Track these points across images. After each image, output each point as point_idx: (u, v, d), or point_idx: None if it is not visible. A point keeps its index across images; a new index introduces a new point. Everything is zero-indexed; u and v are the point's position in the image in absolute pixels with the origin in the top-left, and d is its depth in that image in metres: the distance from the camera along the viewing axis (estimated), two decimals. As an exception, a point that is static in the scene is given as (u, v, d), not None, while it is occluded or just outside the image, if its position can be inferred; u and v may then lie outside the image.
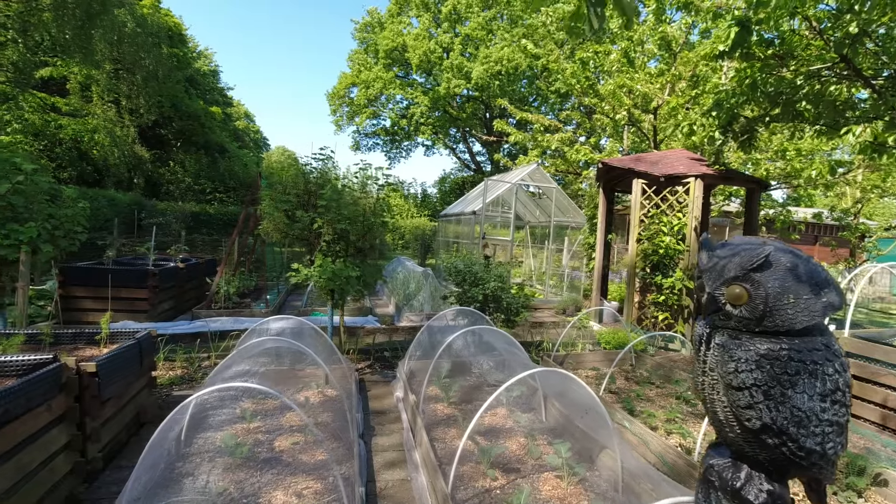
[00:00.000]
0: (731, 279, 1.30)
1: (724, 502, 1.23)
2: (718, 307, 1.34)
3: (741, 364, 1.24)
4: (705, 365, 1.36)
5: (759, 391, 1.21)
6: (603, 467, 3.70)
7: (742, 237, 1.35)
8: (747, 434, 1.26)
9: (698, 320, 1.42)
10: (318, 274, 5.04)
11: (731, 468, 1.32)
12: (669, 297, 6.96)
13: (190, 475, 3.53)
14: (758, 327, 1.27)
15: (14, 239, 5.03)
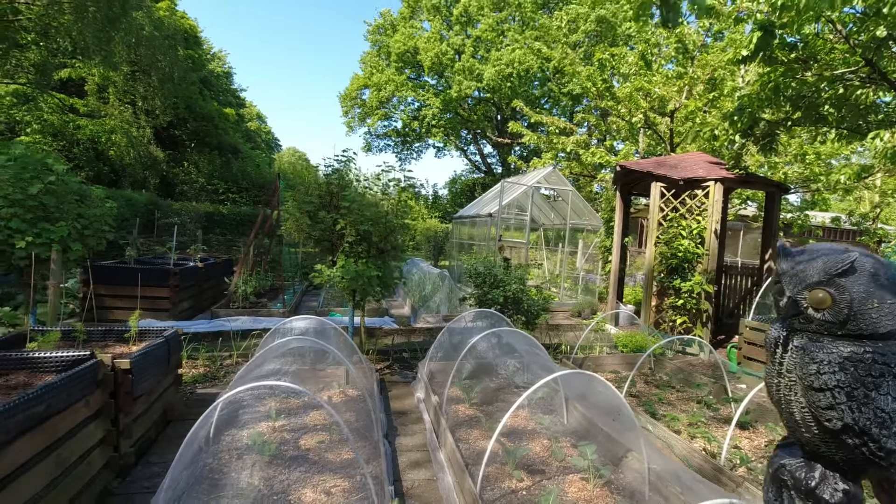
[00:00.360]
0: (815, 284, 1.33)
1: (798, 501, 1.26)
2: (799, 311, 1.37)
3: (823, 366, 1.26)
4: (781, 367, 1.38)
5: (842, 392, 1.24)
6: (628, 470, 3.70)
7: (820, 244, 1.38)
8: (825, 434, 1.28)
9: (773, 323, 1.45)
10: (341, 274, 5.09)
11: (804, 468, 1.34)
12: (688, 301, 6.93)
13: (220, 471, 3.59)
14: (840, 331, 1.30)
15: (46, 238, 5.13)
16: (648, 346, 6.82)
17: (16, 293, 9.31)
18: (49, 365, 3.37)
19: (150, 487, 3.56)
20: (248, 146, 35.39)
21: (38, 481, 2.74)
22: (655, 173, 7.18)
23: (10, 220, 4.96)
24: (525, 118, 29.30)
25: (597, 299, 9.96)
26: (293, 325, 5.19)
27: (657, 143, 11.36)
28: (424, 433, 4.51)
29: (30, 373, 3.32)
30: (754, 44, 5.43)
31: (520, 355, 5.12)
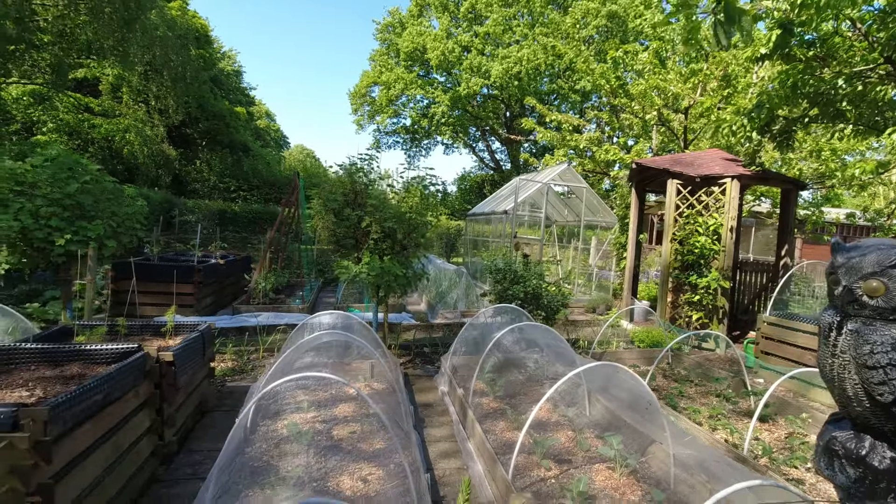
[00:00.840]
0: (869, 274, 1.53)
1: (849, 468, 1.44)
2: (854, 298, 1.57)
3: (876, 346, 1.48)
4: (836, 348, 1.60)
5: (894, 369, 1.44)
6: (653, 459, 3.82)
7: (872, 239, 1.55)
8: (876, 408, 1.50)
9: (826, 310, 1.62)
10: (367, 271, 5.23)
11: (854, 439, 1.55)
12: (704, 297, 7.01)
13: (260, 459, 3.74)
14: (892, 315, 1.50)
15: (83, 235, 5.31)
16: (665, 342, 6.93)
17: (43, 289, 9.55)
18: (100, 357, 3.53)
19: (194, 474, 3.73)
20: (258, 144, 35.64)
21: (98, 465, 2.90)
22: (672, 170, 7.25)
23: (49, 219, 5.14)
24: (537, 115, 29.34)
25: (611, 295, 10.04)
26: (320, 320, 5.34)
27: (670, 139, 11.39)
28: (451, 425, 4.65)
29: (82, 364, 3.48)
30: (773, 42, 5.49)
31: (542, 349, 5.24)
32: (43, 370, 3.35)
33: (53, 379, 3.22)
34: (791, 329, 5.69)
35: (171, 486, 3.56)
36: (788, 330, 5.72)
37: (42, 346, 3.51)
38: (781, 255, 7.44)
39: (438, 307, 8.26)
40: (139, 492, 3.40)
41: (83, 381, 3.23)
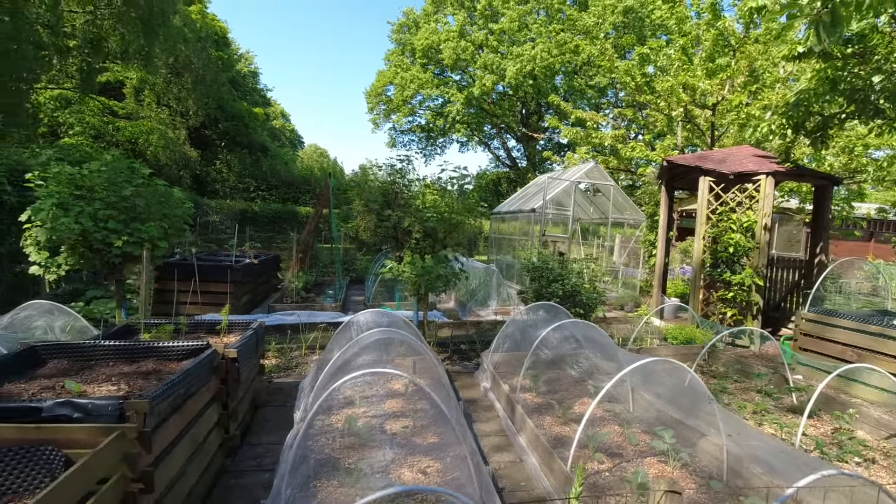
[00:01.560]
0: None
1: None
2: None
3: None
4: None
5: None
6: (703, 452, 3.90)
7: None
8: None
9: None
10: (410, 270, 5.36)
11: None
12: (738, 294, 7.03)
13: (321, 452, 3.89)
14: None
15: (137, 237, 5.51)
16: (699, 339, 6.96)
17: (84, 290, 9.85)
18: (171, 354, 3.71)
19: (259, 466, 3.90)
20: (276, 144, 36.04)
21: (182, 456, 3.07)
22: (704, 168, 7.27)
23: (107, 221, 5.35)
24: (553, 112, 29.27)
25: (637, 293, 10.07)
26: (365, 318, 5.48)
27: (695, 136, 11.35)
28: (498, 420, 4.76)
29: (156, 360, 3.66)
30: (811, 40, 5.49)
31: (583, 345, 5.32)
32: (121, 366, 3.52)
33: (132, 374, 3.40)
34: (831, 325, 5.70)
35: (239, 477, 3.72)
36: (828, 326, 5.74)
37: (119, 343, 3.69)
38: (816, 251, 7.42)
39: (470, 305, 8.38)
40: (212, 482, 3.57)
41: (160, 377, 3.41)
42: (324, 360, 5.30)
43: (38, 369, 3.40)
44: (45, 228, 5.21)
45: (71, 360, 3.56)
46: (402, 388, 5.20)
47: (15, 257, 9.46)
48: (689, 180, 8.79)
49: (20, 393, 2.99)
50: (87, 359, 3.61)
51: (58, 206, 5.21)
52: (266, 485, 3.61)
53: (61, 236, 5.17)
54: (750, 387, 5.48)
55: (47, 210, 5.12)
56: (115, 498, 2.37)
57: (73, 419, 2.46)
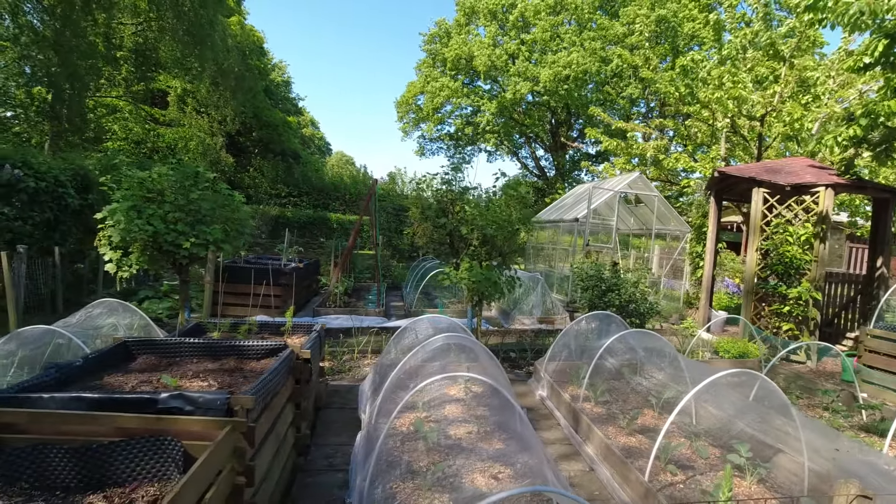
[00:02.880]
0: None
1: None
2: None
3: None
4: None
5: None
6: (780, 467, 3.81)
7: None
8: None
9: None
10: (468, 277, 5.40)
11: None
12: (794, 308, 6.86)
13: (391, 454, 3.93)
14: None
15: (202, 239, 5.69)
16: (752, 353, 6.81)
17: (136, 289, 10.18)
18: (251, 352, 3.82)
19: (330, 465, 3.97)
20: (307, 152, 36.74)
21: (269, 453, 3.15)
22: (759, 179, 7.15)
23: (176, 224, 5.54)
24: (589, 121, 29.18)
25: (681, 304, 9.90)
26: (423, 324, 5.54)
27: (740, 148, 11.16)
28: (559, 428, 4.74)
29: (237, 358, 3.77)
30: (879, 51, 5.40)
31: (648, 356, 5.27)
32: (205, 363, 3.64)
33: (217, 371, 3.51)
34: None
35: (314, 476, 3.79)
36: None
37: (203, 340, 3.82)
38: (876, 266, 7.20)
39: (514, 313, 8.37)
40: (289, 480, 3.65)
41: (243, 374, 3.51)
42: (382, 364, 5.37)
43: (130, 364, 3.54)
44: (119, 229, 5.43)
45: (158, 356, 3.70)
46: (462, 394, 5.22)
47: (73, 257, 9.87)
48: (737, 192, 8.66)
49: (121, 385, 3.12)
50: (172, 355, 3.74)
51: (131, 208, 5.43)
52: (340, 484, 3.68)
53: (135, 237, 5.37)
54: (815, 403, 5.34)
55: (123, 212, 5.34)
56: (225, 491, 2.45)
57: (184, 411, 2.56)
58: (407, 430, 4.38)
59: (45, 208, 8.85)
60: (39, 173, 8.72)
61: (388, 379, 4.30)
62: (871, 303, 7.27)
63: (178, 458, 2.35)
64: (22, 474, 2.29)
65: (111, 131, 24.05)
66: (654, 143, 11.67)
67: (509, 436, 4.34)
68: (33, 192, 8.54)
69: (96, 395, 2.51)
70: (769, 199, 7.22)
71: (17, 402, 2.46)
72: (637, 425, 4.59)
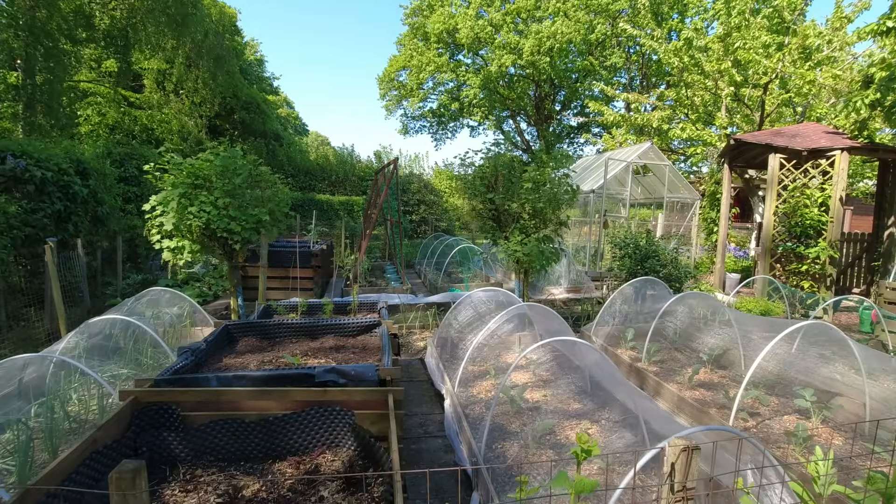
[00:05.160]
0: None
1: None
2: None
3: None
4: None
5: None
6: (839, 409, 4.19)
7: None
8: None
9: None
10: (521, 249, 5.58)
11: None
12: (811, 267, 7.29)
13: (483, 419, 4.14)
14: None
15: (252, 223, 5.71)
16: (775, 311, 7.23)
17: (156, 279, 10.06)
18: (348, 329, 3.94)
19: (426, 433, 4.16)
20: (289, 133, 35.97)
21: (393, 421, 3.32)
22: (775, 145, 7.47)
23: (227, 209, 5.54)
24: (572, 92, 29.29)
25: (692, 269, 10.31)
26: (478, 295, 5.72)
27: (740, 116, 11.48)
28: (623, 387, 5.03)
29: (335, 336, 3.89)
30: (903, 16, 5.66)
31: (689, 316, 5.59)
32: (306, 342, 3.75)
33: (322, 349, 3.64)
34: (920, 293, 5.99)
35: (416, 443, 3.98)
36: (917, 294, 6.03)
37: (301, 321, 3.92)
38: (886, 224, 7.66)
39: (541, 284, 8.62)
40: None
41: (346, 350, 3.65)
42: (444, 337, 5.55)
43: (235, 346, 3.62)
44: (172, 217, 5.40)
45: (258, 338, 3.79)
46: (524, 362, 5.45)
47: (85, 248, 9.65)
48: (747, 158, 8.99)
49: (243, 365, 3.21)
50: (270, 336, 3.83)
51: (182, 195, 5.40)
52: (445, 449, 3.88)
53: (189, 224, 5.36)
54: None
55: (176, 200, 5.31)
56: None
57: (338, 384, 2.70)
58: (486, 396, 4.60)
59: (54, 199, 8.61)
60: (41, 162, 8.42)
61: (468, 352, 4.50)
62: (877, 260, 7.77)
63: (351, 426, 2.50)
64: (206, 448, 2.40)
65: (84, 116, 23.09)
66: (657, 113, 11.92)
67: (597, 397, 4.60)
68: (40, 182, 8.28)
69: (257, 373, 2.62)
70: (785, 164, 7.57)
71: (184, 383, 2.55)
72: (696, 381, 4.92)
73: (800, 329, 3.88)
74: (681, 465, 1.53)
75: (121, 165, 12.33)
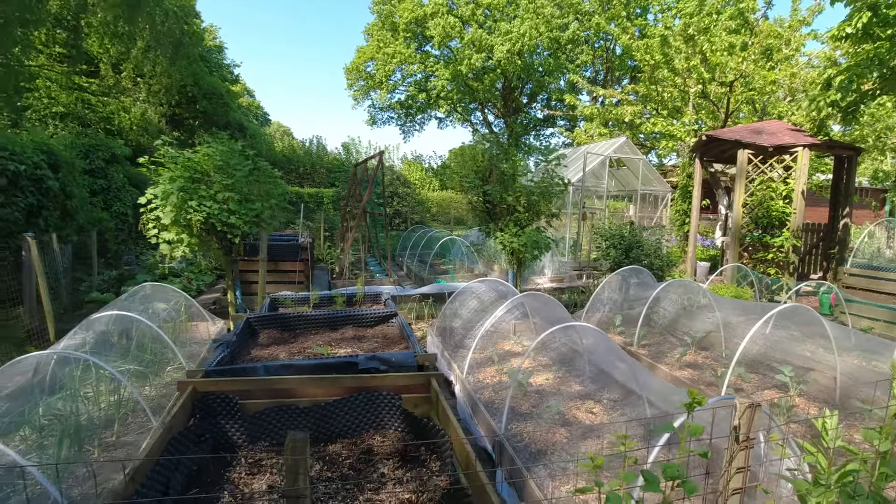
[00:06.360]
0: None
1: None
2: None
3: None
4: None
5: None
6: (813, 382, 4.63)
7: None
8: None
9: None
10: (516, 241, 5.81)
11: None
12: (776, 255, 7.86)
13: (496, 401, 4.36)
14: None
15: (251, 216, 5.70)
16: (745, 296, 7.75)
17: (134, 274, 9.76)
18: (366, 320, 4.05)
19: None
20: (255, 123, 35.03)
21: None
22: (744, 141, 7.98)
23: (227, 203, 5.51)
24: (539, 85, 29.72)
25: (664, 259, 10.88)
26: (478, 286, 5.91)
27: (705, 112, 12.10)
28: (617, 370, 5.35)
29: (354, 327, 4.00)
30: (863, 22, 6.18)
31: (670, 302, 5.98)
32: (327, 333, 3.85)
33: (343, 339, 3.75)
34: (877, 278, 6.59)
35: (431, 427, 4.16)
36: (874, 279, 6.63)
37: (321, 312, 4.01)
38: (842, 214, 8.32)
39: (526, 273, 8.90)
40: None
41: (365, 340, 3.77)
42: (446, 327, 5.72)
43: (258, 338, 3.67)
44: (168, 211, 5.33)
45: (279, 330, 3.85)
46: (520, 349, 5.70)
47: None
48: (716, 153, 9.53)
49: (273, 356, 3.29)
50: (291, 328, 3.90)
51: (181, 189, 5.33)
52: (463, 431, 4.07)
53: (189, 218, 5.31)
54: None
55: (175, 193, 5.25)
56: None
57: (379, 370, 2.84)
58: (493, 381, 4.81)
59: (27, 192, 8.25)
60: (15, 155, 8.07)
61: (475, 339, 4.69)
62: (833, 248, 8.45)
63: (401, 409, 2.64)
64: (262, 433, 2.50)
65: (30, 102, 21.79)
66: (631, 108, 12.40)
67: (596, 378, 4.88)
68: (13, 175, 7.93)
69: (304, 362, 2.72)
70: (753, 159, 8.10)
71: (234, 373, 2.62)
72: (686, 361, 5.30)
73: (782, 311, 4.26)
74: (746, 419, 1.77)
75: (86, 157, 11.84)
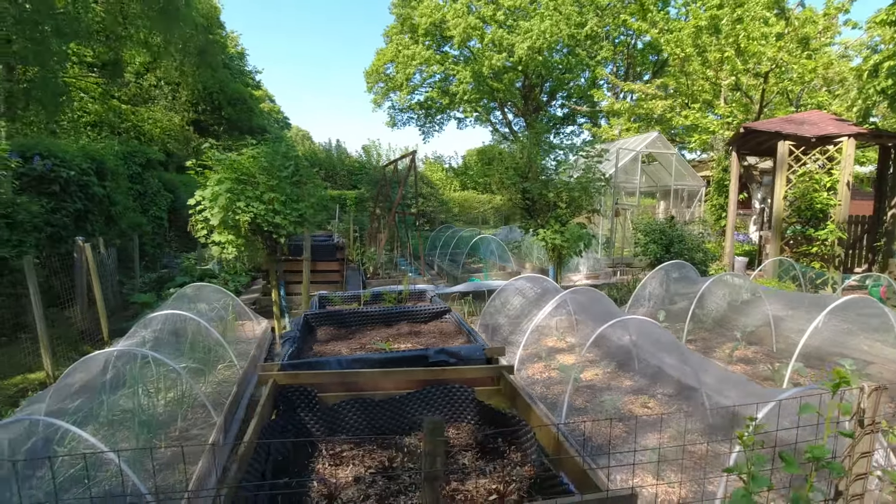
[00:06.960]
0: None
1: None
2: None
3: None
4: None
5: None
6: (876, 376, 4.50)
7: None
8: None
9: None
10: (559, 238, 5.78)
11: None
12: (821, 248, 7.67)
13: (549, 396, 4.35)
14: None
15: (296, 216, 5.79)
16: (790, 290, 7.57)
17: (173, 276, 10.01)
18: (420, 316, 4.09)
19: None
20: (277, 127, 35.57)
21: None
22: (784, 132, 7.80)
23: (273, 204, 5.61)
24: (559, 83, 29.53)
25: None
26: (520, 283, 5.91)
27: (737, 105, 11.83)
28: (665, 365, 5.28)
29: (408, 322, 4.03)
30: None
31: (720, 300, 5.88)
32: (383, 329, 3.89)
33: (401, 335, 3.78)
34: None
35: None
36: (928, 270, 6.42)
37: (376, 309, 4.05)
38: (889, 205, 8.07)
39: (563, 271, 8.85)
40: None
41: (422, 335, 3.80)
42: (488, 325, 5.73)
43: (315, 334, 3.74)
44: (217, 212, 5.45)
45: (335, 327, 3.91)
46: (564, 346, 5.67)
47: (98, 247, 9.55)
48: (752, 145, 9.33)
49: (334, 351, 3.34)
50: (346, 325, 3.96)
51: (229, 191, 5.44)
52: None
53: (238, 219, 5.42)
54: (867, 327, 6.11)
55: (223, 195, 5.36)
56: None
57: (448, 363, 2.86)
58: (544, 376, 4.80)
59: (76, 198, 8.56)
60: (65, 162, 8.39)
61: (525, 334, 4.68)
62: (879, 241, 8.20)
63: (474, 401, 2.65)
64: (340, 425, 2.54)
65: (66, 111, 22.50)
66: (661, 102, 12.21)
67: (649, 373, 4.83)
68: (64, 182, 8.24)
69: (377, 356, 2.76)
70: (794, 150, 7.91)
71: (309, 367, 2.68)
72: (739, 355, 5.22)
73: (845, 303, 4.16)
74: (872, 402, 1.74)
75: (124, 163, 12.20)
